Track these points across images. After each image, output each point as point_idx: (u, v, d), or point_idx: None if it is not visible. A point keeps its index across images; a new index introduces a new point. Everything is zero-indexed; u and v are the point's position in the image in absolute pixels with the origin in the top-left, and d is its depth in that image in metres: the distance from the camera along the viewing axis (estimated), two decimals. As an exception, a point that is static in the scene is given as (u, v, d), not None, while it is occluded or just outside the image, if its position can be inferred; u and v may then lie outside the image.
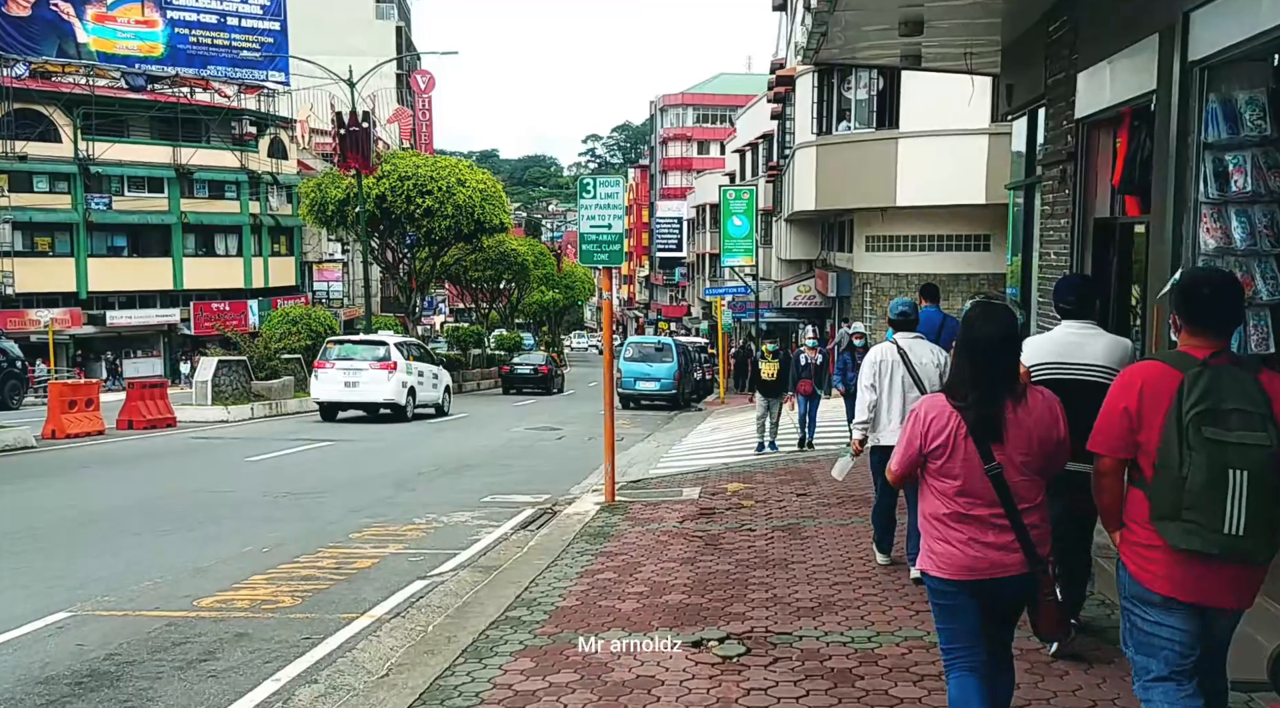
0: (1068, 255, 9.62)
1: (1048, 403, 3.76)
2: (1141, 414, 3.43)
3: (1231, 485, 3.23)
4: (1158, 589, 3.45)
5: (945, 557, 3.73)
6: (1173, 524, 3.34)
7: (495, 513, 11.41)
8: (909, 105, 26.57)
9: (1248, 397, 3.30)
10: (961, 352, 3.83)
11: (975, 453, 3.66)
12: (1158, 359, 3.57)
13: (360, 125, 31.31)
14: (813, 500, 10.49)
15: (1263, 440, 3.24)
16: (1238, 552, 3.29)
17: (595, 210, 10.36)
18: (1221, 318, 3.48)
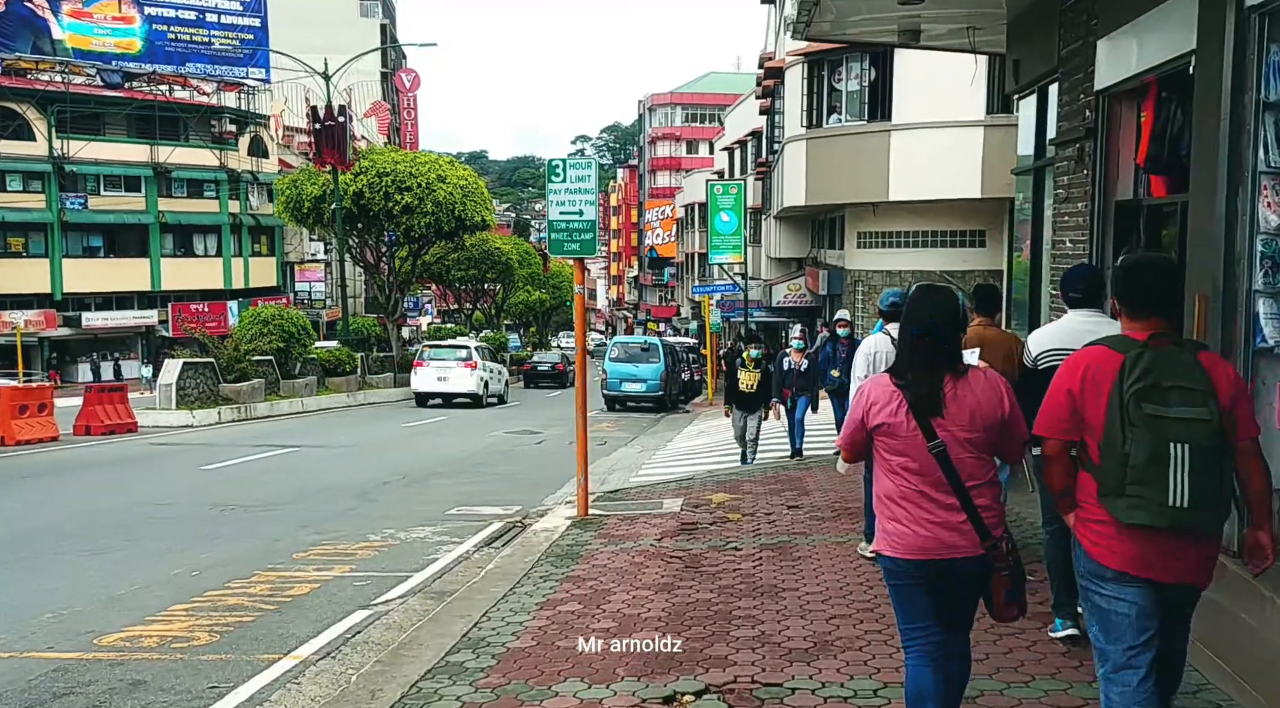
0: (1086, 243, 8.70)
1: (991, 381, 3.79)
2: (1084, 396, 3.49)
3: (1174, 459, 3.29)
4: (1110, 564, 3.49)
5: (896, 536, 3.77)
6: (1119, 500, 3.39)
7: (459, 528, 10.45)
8: (902, 96, 25.66)
9: (1188, 375, 3.36)
10: (903, 332, 3.90)
11: (918, 431, 3.71)
12: (1101, 343, 3.60)
13: (336, 120, 30.33)
14: (805, 514, 9.54)
15: (1203, 415, 3.30)
16: (1184, 524, 3.33)
17: (566, 195, 9.40)
18: (1161, 301, 3.56)
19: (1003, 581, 3.73)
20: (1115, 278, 3.76)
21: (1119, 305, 3.66)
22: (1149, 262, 3.80)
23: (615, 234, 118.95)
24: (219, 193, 53.01)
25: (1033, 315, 10.49)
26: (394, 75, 73.36)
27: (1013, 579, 3.74)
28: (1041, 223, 10.60)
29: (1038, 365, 5.42)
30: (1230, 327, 5.61)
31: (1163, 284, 3.61)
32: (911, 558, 3.74)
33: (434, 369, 28.92)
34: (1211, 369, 3.42)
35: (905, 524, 3.75)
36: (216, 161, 51.92)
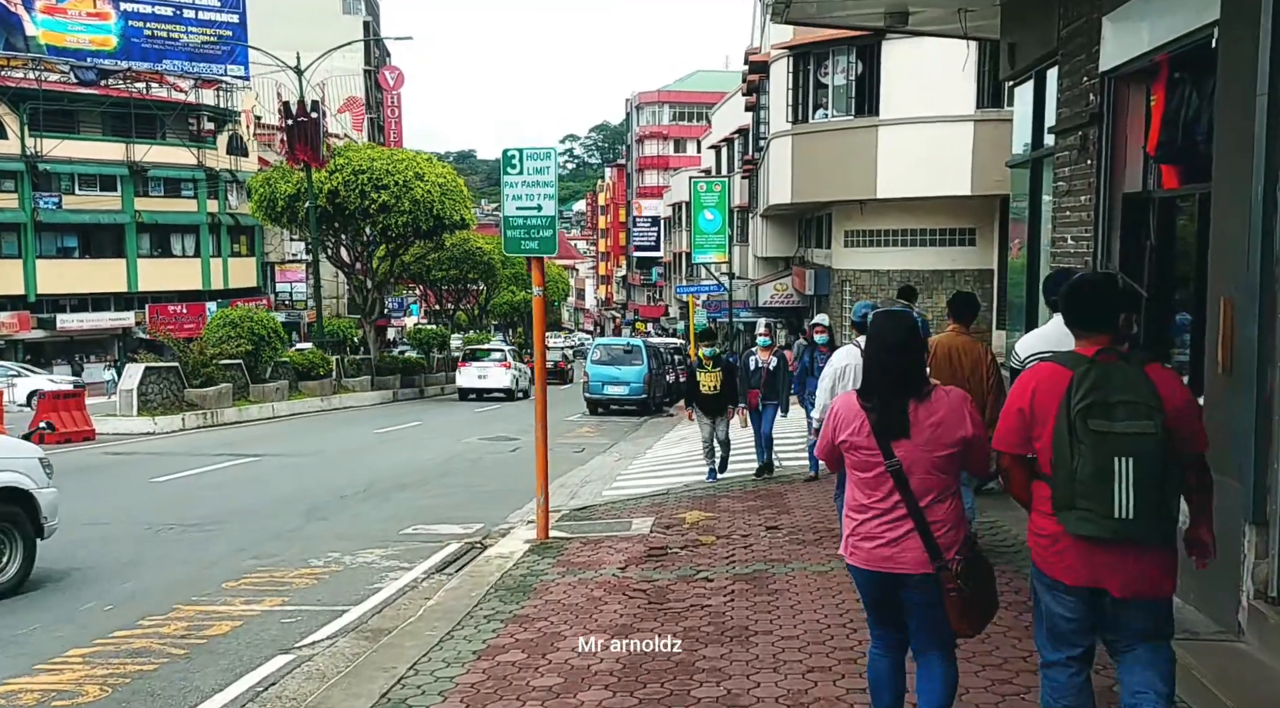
0: (1090, 239, 7.95)
1: (954, 402, 3.87)
2: (1034, 413, 3.60)
3: (1118, 473, 3.38)
4: (1050, 574, 3.63)
5: (855, 547, 3.94)
6: (1070, 513, 3.50)
7: (411, 551, 9.64)
8: (890, 91, 24.97)
9: (1134, 388, 3.43)
10: (867, 356, 4.03)
11: (877, 450, 3.83)
12: (1051, 360, 3.72)
13: (309, 115, 29.46)
14: (784, 536, 8.75)
15: (1148, 428, 3.37)
16: (1128, 536, 3.42)
17: (522, 189, 8.60)
18: (1104, 317, 3.65)
19: (953, 601, 3.78)
20: (1061, 298, 3.84)
21: (1066, 324, 3.76)
22: (1091, 280, 3.92)
23: (603, 234, 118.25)
24: (197, 192, 52.04)
25: (1030, 318, 9.75)
26: (377, 73, 72.33)
27: (964, 600, 3.78)
28: (1039, 219, 9.86)
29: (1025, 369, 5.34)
30: (1269, 335, 4.85)
31: (1101, 299, 3.70)
32: (864, 568, 3.92)
33: (475, 369, 33.76)
34: (1159, 382, 3.48)
35: (861, 537, 3.91)
36: (194, 160, 50.97)
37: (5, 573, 7.94)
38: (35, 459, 8.67)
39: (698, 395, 12.27)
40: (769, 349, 12.48)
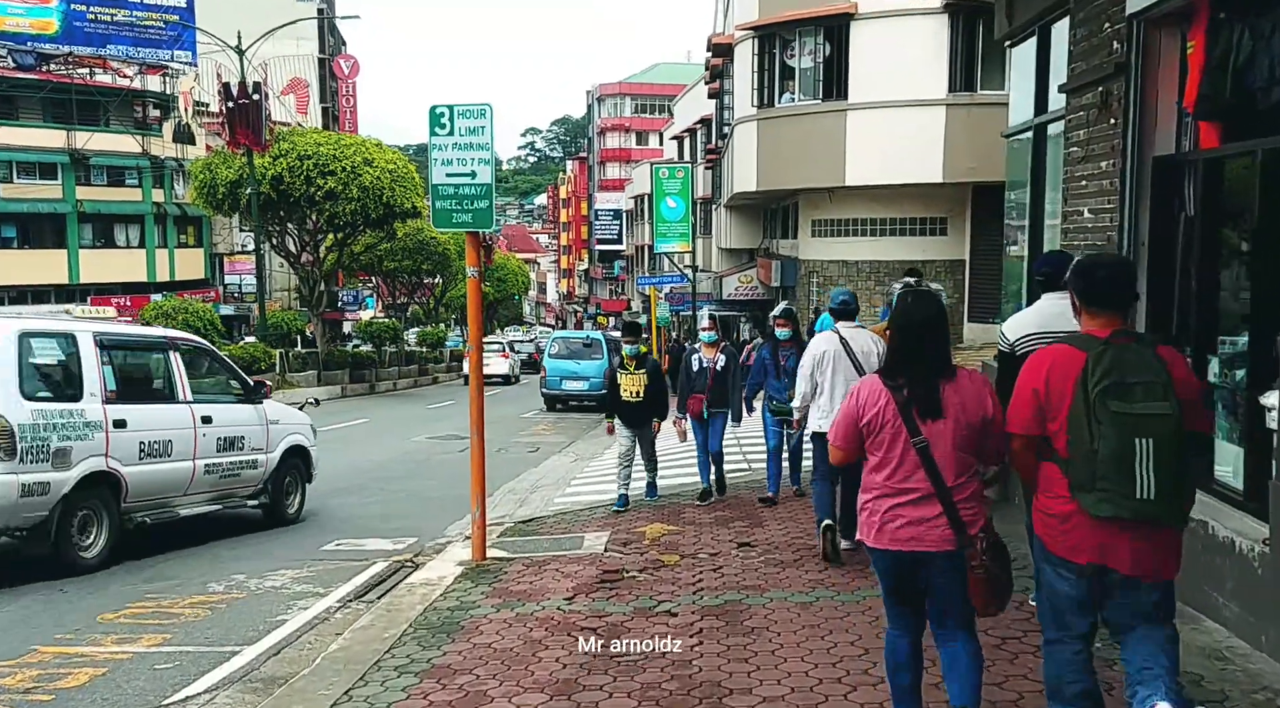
0: (1114, 211, 6.83)
1: (976, 383, 3.91)
2: (1049, 394, 3.59)
3: (1140, 453, 3.38)
4: (1058, 552, 3.64)
5: (876, 528, 3.91)
6: (1089, 495, 3.49)
7: (330, 572, 8.40)
8: (859, 73, 23.88)
9: (1149, 369, 3.45)
10: (896, 335, 4.01)
11: (904, 429, 3.84)
12: (1064, 342, 3.71)
13: (250, 97, 27.96)
14: (760, 556, 7.58)
15: (1165, 409, 3.40)
16: (1149, 515, 3.44)
17: (453, 152, 7.36)
18: (1119, 298, 3.70)
19: (977, 578, 3.78)
20: (1074, 277, 3.82)
21: (1079, 303, 3.76)
22: (1107, 261, 4.05)
23: (565, 227, 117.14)
24: (141, 181, 50.17)
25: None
26: (332, 62, 70.47)
27: (989, 577, 3.78)
28: (1041, 195, 8.75)
29: (1015, 351, 5.45)
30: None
31: (1117, 281, 3.72)
32: (888, 549, 3.88)
33: None
34: (1170, 363, 3.52)
35: (885, 518, 3.87)
36: (139, 148, 49.06)
37: (291, 506, 10.99)
38: (308, 425, 11.60)
39: (618, 403, 10.05)
40: (715, 346, 10.09)
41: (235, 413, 10.24)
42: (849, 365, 7.16)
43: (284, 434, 10.87)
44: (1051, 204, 8.53)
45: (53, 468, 8.00)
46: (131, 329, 11.20)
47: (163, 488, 9.26)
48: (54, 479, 8.00)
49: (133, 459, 8.80)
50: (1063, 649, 3.68)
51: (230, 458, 10.02)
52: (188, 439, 9.44)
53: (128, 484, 8.77)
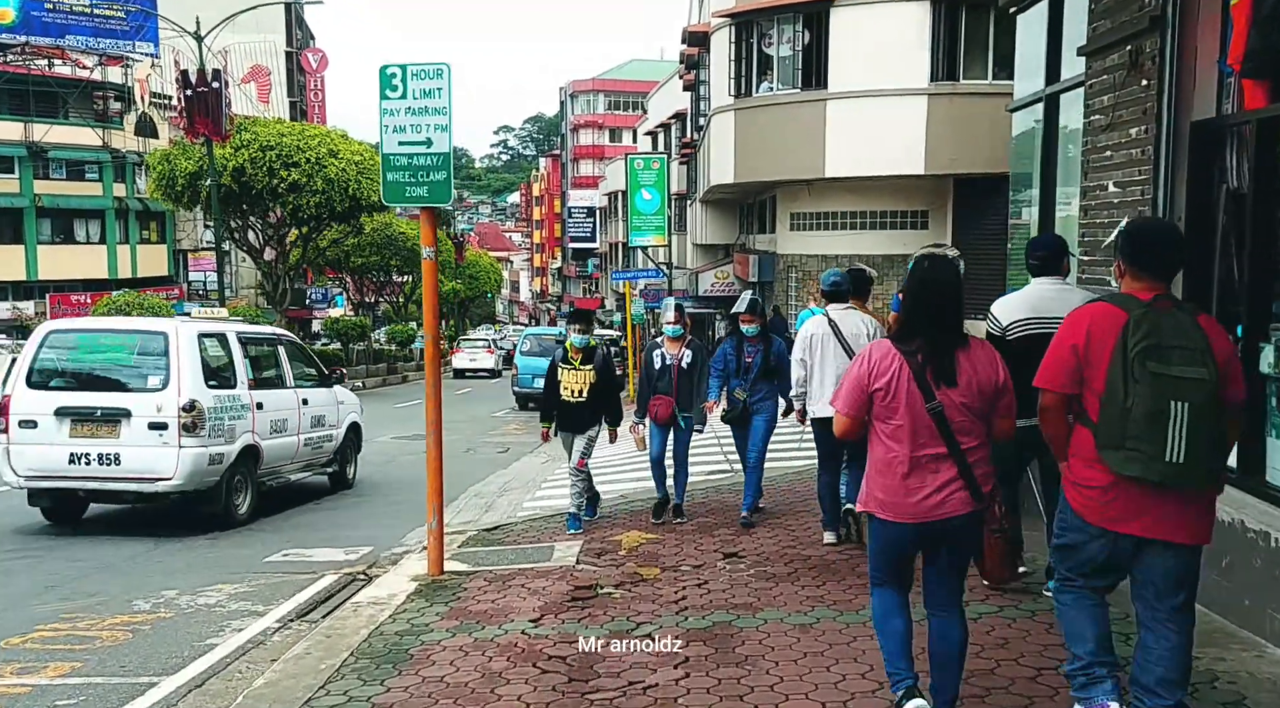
0: (1145, 183, 6.13)
1: (988, 351, 3.92)
2: (1089, 351, 3.56)
3: (1173, 416, 3.36)
4: (1091, 520, 3.62)
5: (892, 502, 3.84)
6: (1117, 453, 3.46)
7: (272, 587, 7.58)
8: (839, 62, 23.19)
9: (1188, 335, 3.44)
10: (912, 299, 3.92)
11: (918, 393, 3.79)
12: (1105, 300, 3.70)
13: (209, 85, 26.93)
14: (749, 567, 6.82)
15: (1202, 374, 3.38)
16: (1177, 480, 3.41)
17: (406, 118, 6.55)
18: (1165, 263, 3.68)
19: (994, 543, 4.04)
20: (1124, 240, 3.80)
21: (1125, 265, 3.73)
22: (1160, 226, 4.35)
23: (538, 225, 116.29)
24: (102, 175, 48.88)
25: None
26: (300, 55, 69.26)
27: (1005, 541, 4.07)
28: (1053, 172, 8.04)
29: (1007, 335, 5.43)
30: None
31: (1165, 246, 3.72)
32: (905, 522, 3.82)
33: (467, 354, 43.46)
34: (1210, 331, 3.51)
35: (899, 489, 3.81)
36: (100, 141, 47.75)
37: (350, 473, 12.92)
38: (359, 405, 13.58)
39: (554, 403, 8.61)
40: (680, 340, 8.54)
41: (319, 395, 12.01)
42: (838, 348, 7.05)
43: (347, 412, 12.78)
44: (1065, 181, 7.82)
45: (225, 442, 9.85)
46: (254, 328, 12.60)
47: (281, 458, 11.03)
48: (225, 451, 9.87)
49: (266, 434, 10.64)
50: (1078, 582, 3.72)
51: (318, 433, 11.86)
52: (295, 418, 11.25)
53: (264, 455, 10.59)
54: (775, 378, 8.10)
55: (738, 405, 8.18)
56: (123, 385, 9.69)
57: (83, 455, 9.25)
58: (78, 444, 9.33)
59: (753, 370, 8.12)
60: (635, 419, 8.83)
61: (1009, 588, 5.55)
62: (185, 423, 9.34)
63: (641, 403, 8.69)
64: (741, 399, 8.14)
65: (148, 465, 9.35)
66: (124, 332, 10.54)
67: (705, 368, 8.50)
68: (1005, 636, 5.06)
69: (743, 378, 8.17)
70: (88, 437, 9.26)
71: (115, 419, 9.36)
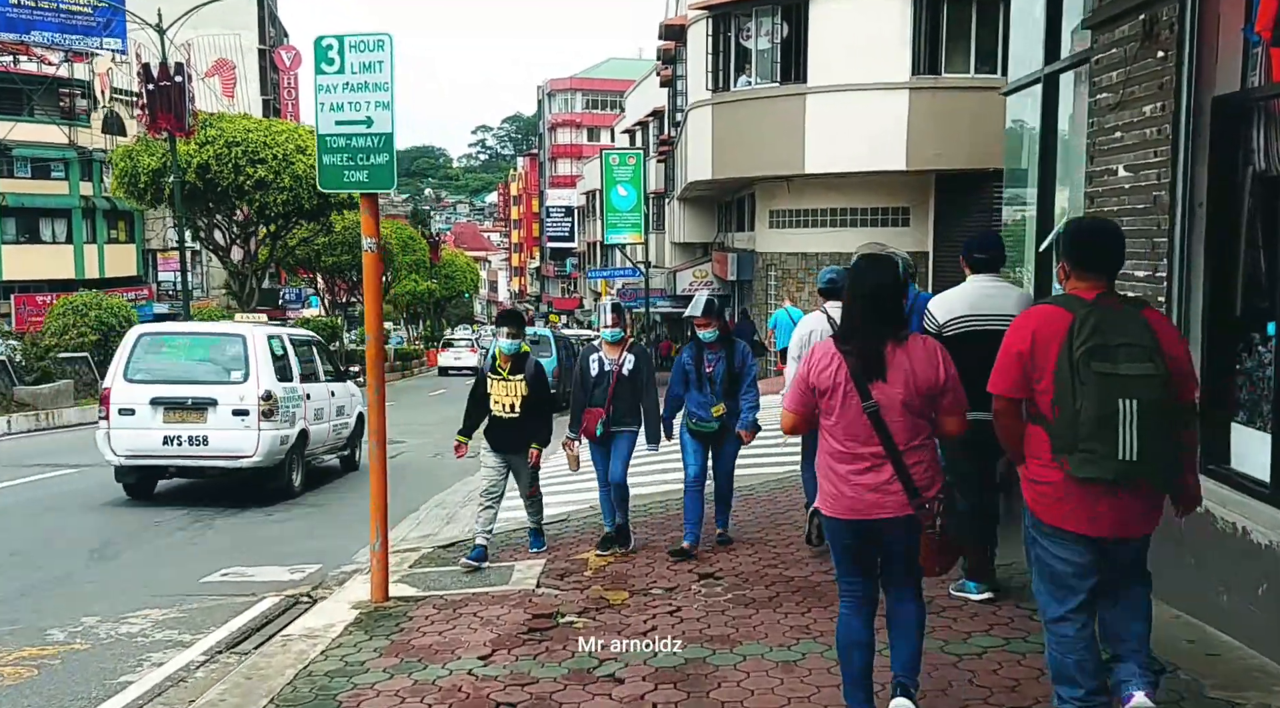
0: (1164, 165, 5.54)
1: (929, 348, 3.91)
2: (1034, 355, 3.57)
3: (1123, 415, 3.36)
4: (1049, 521, 3.63)
5: (833, 496, 3.91)
6: (1073, 456, 3.46)
7: (205, 611, 6.91)
8: (818, 55, 22.66)
9: (1135, 332, 3.44)
10: (849, 298, 4.01)
11: (855, 393, 3.82)
12: (1049, 302, 3.74)
13: (172, 79, 26.12)
14: (726, 591, 6.20)
15: (1149, 370, 3.39)
16: (1133, 477, 3.42)
17: (344, 94, 5.91)
18: (1107, 262, 3.70)
19: (929, 539, 3.84)
20: (1065, 240, 3.80)
21: (1068, 266, 3.72)
22: (1100, 224, 4.17)
23: (516, 224, 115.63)
24: (68, 173, 47.88)
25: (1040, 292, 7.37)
26: (273, 53, 68.31)
27: (938, 540, 3.85)
28: (1051, 159, 7.46)
29: (944, 333, 5.38)
30: None
31: (1107, 245, 3.73)
32: (844, 517, 3.87)
33: (451, 353, 46.30)
34: (1157, 327, 3.52)
35: (840, 485, 3.87)
36: (65, 139, 46.73)
37: (357, 458, 13.90)
38: (362, 398, 13.72)
39: (478, 415, 7.58)
40: (620, 344, 7.44)
41: (339, 389, 13.73)
42: None
43: (357, 404, 14.09)
44: (1065, 167, 7.25)
45: (289, 426, 11.57)
46: (294, 331, 14.48)
47: (319, 442, 12.72)
48: (289, 433, 11.59)
49: (312, 421, 12.37)
50: (1067, 627, 3.62)
51: (340, 421, 13.52)
52: (327, 407, 13.02)
53: (310, 438, 12.29)
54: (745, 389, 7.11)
55: (707, 420, 7.10)
56: (208, 379, 11.37)
57: (175, 438, 10.94)
58: (171, 429, 11.00)
59: (715, 382, 7.07)
60: (570, 434, 7.60)
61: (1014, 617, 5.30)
62: (263, 410, 11.04)
63: (575, 416, 7.50)
64: (720, 414, 7.05)
65: (233, 446, 11.09)
66: (207, 334, 12.48)
67: (650, 377, 7.43)
68: (1015, 676, 4.49)
69: (705, 392, 7.07)
70: (179, 422, 10.94)
71: (203, 407, 11.02)
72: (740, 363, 7.13)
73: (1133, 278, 5.76)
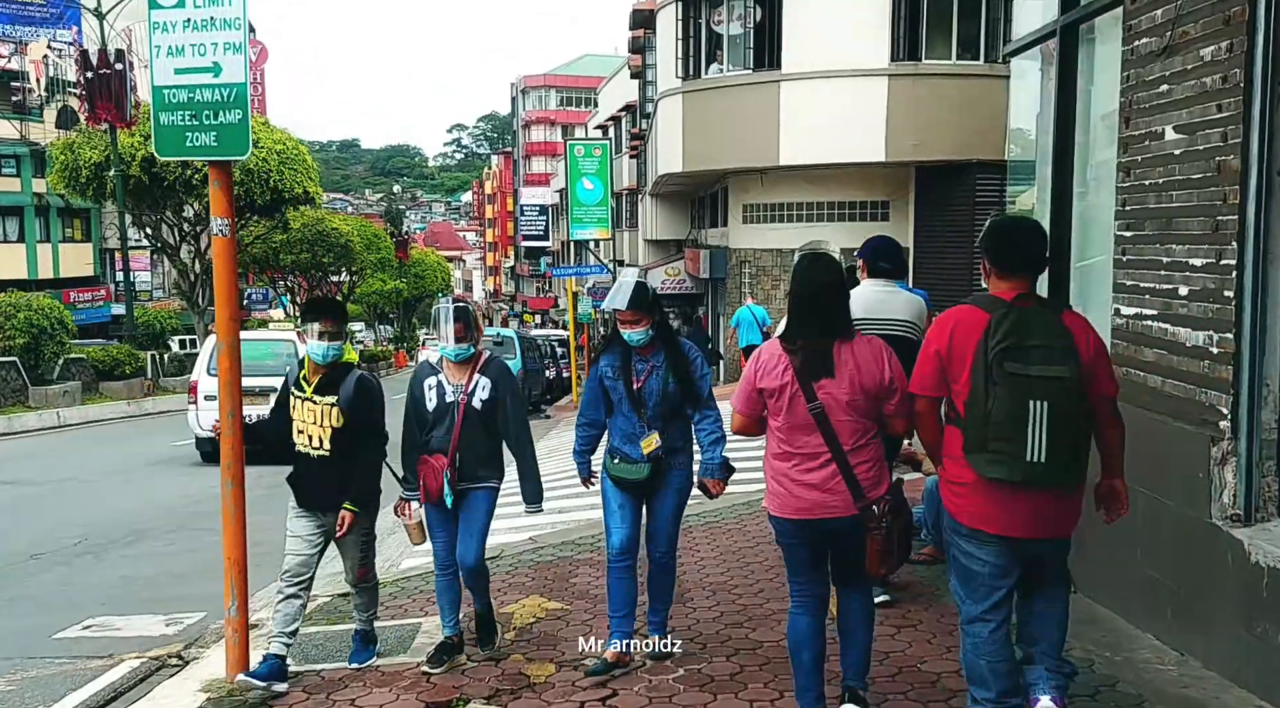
0: (1235, 123, 4.33)
1: (874, 348, 3.86)
2: (951, 354, 3.56)
3: (1032, 416, 3.36)
4: (966, 522, 3.60)
5: (780, 497, 3.87)
6: (981, 456, 3.46)
7: (49, 679, 5.64)
8: (793, 41, 21.50)
9: (1050, 333, 3.44)
10: (793, 298, 3.93)
11: (800, 393, 3.79)
12: (969, 303, 3.68)
13: (112, 67, 24.72)
14: (679, 664, 4.93)
15: (1062, 372, 3.38)
16: (1039, 479, 3.41)
17: (185, 35, 4.60)
18: (1027, 262, 3.65)
19: (875, 541, 3.79)
20: (985, 239, 3.76)
21: (989, 265, 3.70)
22: (1020, 224, 4.07)
23: (491, 223, 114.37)
24: (20, 169, 46.25)
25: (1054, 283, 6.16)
26: (239, 48, 66.54)
27: (886, 540, 3.80)
28: (1069, 128, 6.24)
29: None
30: None
31: (1027, 245, 3.68)
32: (791, 517, 3.85)
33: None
34: (1073, 328, 3.50)
35: (787, 486, 3.84)
36: (17, 134, 45.11)
37: None
38: None
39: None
40: (470, 364, 5.19)
41: None
42: None
43: None
44: (1088, 137, 6.04)
45: None
46: None
47: None
48: None
49: None
50: (982, 627, 3.61)
51: None
52: None
53: None
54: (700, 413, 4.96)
55: (638, 461, 4.90)
56: (268, 372, 13.42)
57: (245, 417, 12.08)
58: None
59: (648, 403, 4.89)
60: (404, 494, 5.32)
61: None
62: None
63: (409, 464, 5.26)
64: (653, 450, 4.84)
65: None
66: (267, 340, 16.24)
67: (517, 408, 5.30)
68: None
69: (633, 418, 4.90)
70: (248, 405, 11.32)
71: (266, 393, 11.90)
72: (687, 372, 4.89)
73: (1188, 267, 4.56)
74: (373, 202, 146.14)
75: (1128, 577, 5.01)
